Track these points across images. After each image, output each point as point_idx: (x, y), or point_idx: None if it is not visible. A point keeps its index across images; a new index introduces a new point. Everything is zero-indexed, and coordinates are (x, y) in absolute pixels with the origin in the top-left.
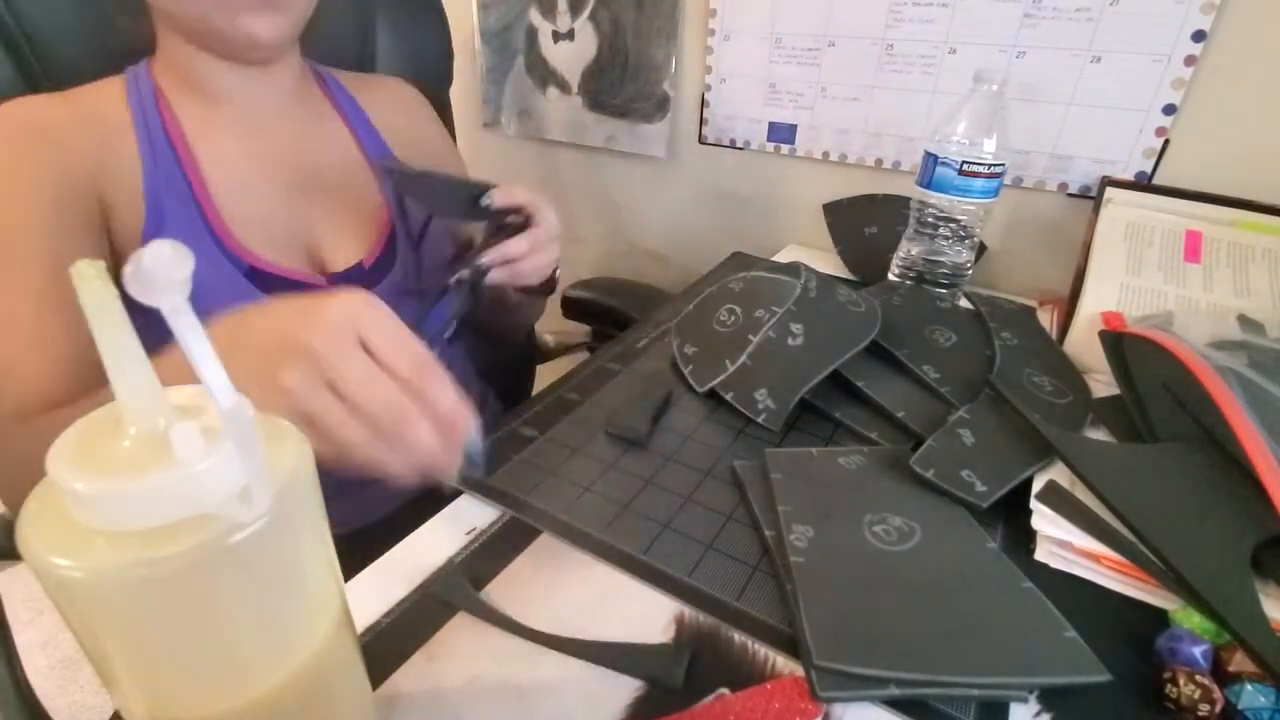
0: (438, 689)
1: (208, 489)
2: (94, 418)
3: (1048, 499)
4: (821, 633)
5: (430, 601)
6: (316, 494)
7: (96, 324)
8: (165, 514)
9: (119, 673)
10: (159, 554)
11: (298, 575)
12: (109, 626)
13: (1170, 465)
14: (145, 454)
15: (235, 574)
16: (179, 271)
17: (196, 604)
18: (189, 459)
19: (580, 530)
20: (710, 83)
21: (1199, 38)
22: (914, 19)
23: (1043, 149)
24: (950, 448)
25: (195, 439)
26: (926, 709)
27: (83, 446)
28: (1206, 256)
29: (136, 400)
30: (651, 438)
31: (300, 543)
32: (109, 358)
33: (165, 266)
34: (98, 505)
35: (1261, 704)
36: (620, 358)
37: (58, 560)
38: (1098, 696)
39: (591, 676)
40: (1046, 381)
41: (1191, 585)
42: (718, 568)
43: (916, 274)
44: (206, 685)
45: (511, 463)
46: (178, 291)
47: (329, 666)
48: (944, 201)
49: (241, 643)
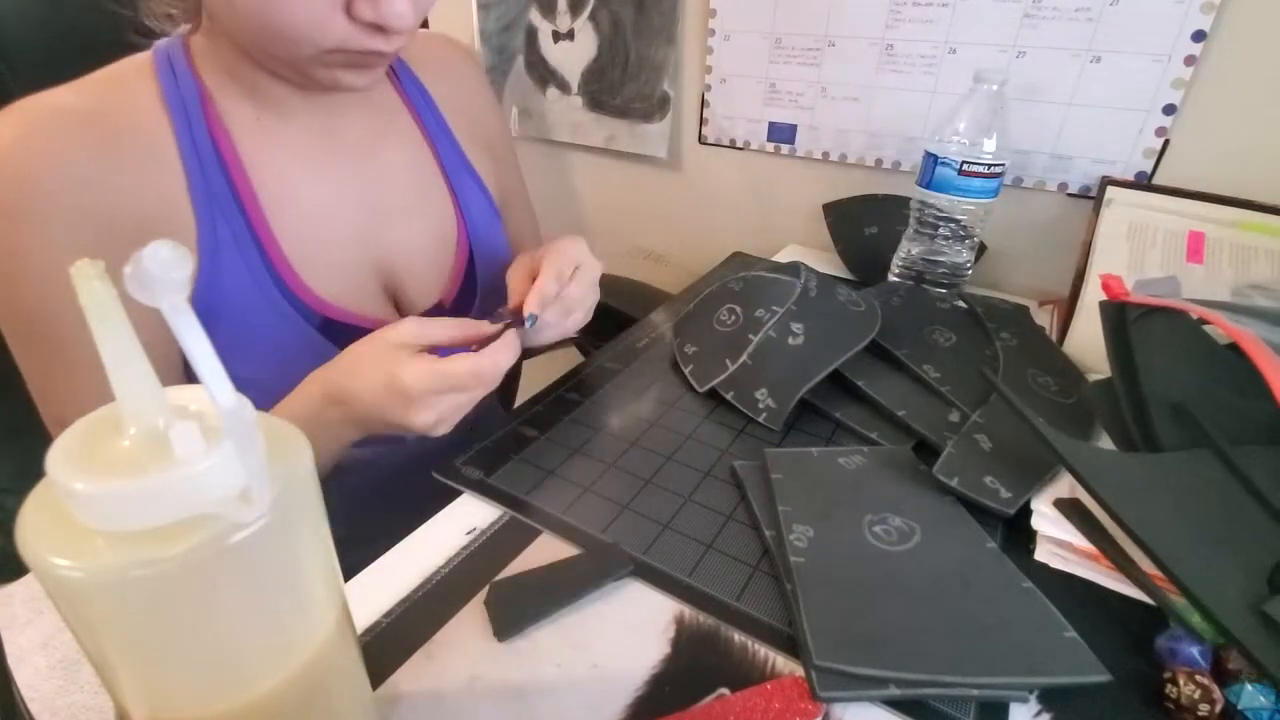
0: (438, 689)
1: (207, 489)
2: (94, 418)
3: (1063, 509)
4: (821, 633)
5: (430, 601)
6: (317, 494)
7: (96, 324)
8: (165, 514)
9: (119, 673)
10: (158, 554)
11: (298, 575)
12: (109, 626)
13: (1183, 479)
14: (145, 454)
15: (235, 574)
16: (179, 272)
17: (196, 604)
18: (189, 459)
19: (580, 530)
20: (710, 83)
21: (1199, 38)
22: (914, 19)
23: (1042, 149)
24: (970, 455)
25: (196, 438)
26: (926, 709)
27: (82, 446)
28: (1209, 257)
29: (136, 400)
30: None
31: (300, 543)
32: (109, 358)
33: (165, 267)
34: (97, 505)
35: (1261, 704)
36: (620, 358)
37: (57, 560)
38: (1098, 696)
39: (591, 676)
40: (1051, 381)
41: (1211, 613)
42: (718, 568)
43: (916, 274)
44: (206, 685)
45: (511, 462)
46: (177, 291)
47: (329, 667)
48: (944, 201)
49: (242, 643)
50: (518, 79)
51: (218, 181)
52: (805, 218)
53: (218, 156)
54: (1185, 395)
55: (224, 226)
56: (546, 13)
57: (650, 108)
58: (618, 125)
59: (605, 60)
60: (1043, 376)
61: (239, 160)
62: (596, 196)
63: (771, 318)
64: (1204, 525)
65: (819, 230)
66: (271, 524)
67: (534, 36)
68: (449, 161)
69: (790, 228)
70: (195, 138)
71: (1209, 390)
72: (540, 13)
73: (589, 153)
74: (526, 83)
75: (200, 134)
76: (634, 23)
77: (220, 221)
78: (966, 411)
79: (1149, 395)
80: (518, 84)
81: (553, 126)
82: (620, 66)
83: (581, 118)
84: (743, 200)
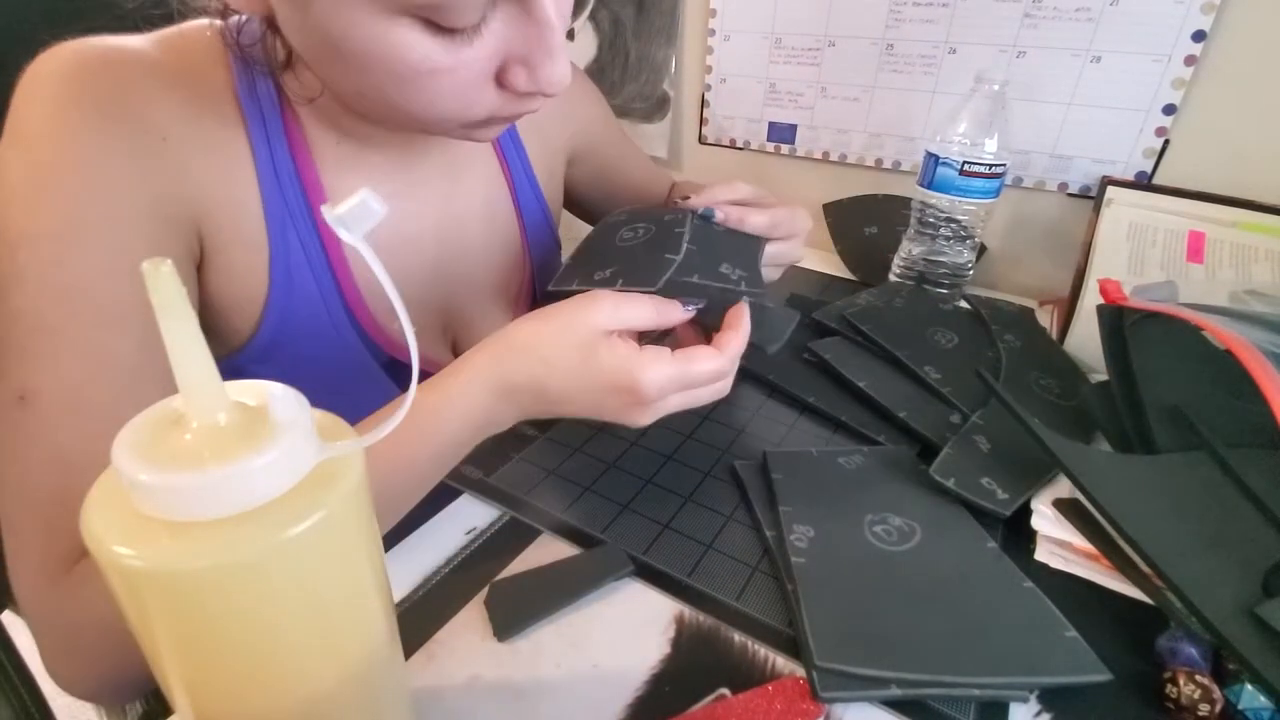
0: (438, 689)
1: (267, 484)
2: (156, 410)
3: (1063, 509)
4: (822, 633)
5: (430, 601)
6: (368, 493)
7: (164, 319)
8: (226, 507)
9: (170, 663)
10: (218, 546)
11: (352, 572)
12: (165, 616)
13: (1178, 482)
14: (206, 448)
15: (292, 569)
16: (377, 220)
17: (253, 597)
18: (287, 425)
19: (580, 530)
20: (710, 83)
21: (1199, 38)
22: (914, 19)
23: (1042, 149)
24: (968, 455)
25: (296, 407)
26: (927, 709)
27: (146, 438)
28: (1209, 257)
29: (199, 396)
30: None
31: (354, 540)
32: (175, 354)
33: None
34: (160, 496)
35: (1261, 704)
36: None
37: (120, 549)
38: (1098, 696)
39: (592, 676)
40: (1054, 384)
41: (1203, 615)
42: (718, 568)
43: (917, 274)
44: (259, 680)
45: (511, 463)
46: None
47: (378, 665)
48: (945, 202)
49: (296, 638)
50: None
51: (295, 199)
52: None
53: (296, 173)
54: (1182, 398)
55: (298, 247)
56: None
57: (650, 108)
58: None
59: (605, 60)
60: (1045, 379)
61: (319, 183)
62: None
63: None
64: (1198, 527)
65: (819, 230)
66: (328, 519)
67: None
68: (521, 190)
69: None
70: (274, 148)
71: (1205, 393)
72: None
73: None
74: None
75: (279, 146)
76: (634, 23)
77: (294, 239)
78: (967, 413)
79: (1145, 398)
80: None
81: None
82: (620, 66)
83: None
84: None
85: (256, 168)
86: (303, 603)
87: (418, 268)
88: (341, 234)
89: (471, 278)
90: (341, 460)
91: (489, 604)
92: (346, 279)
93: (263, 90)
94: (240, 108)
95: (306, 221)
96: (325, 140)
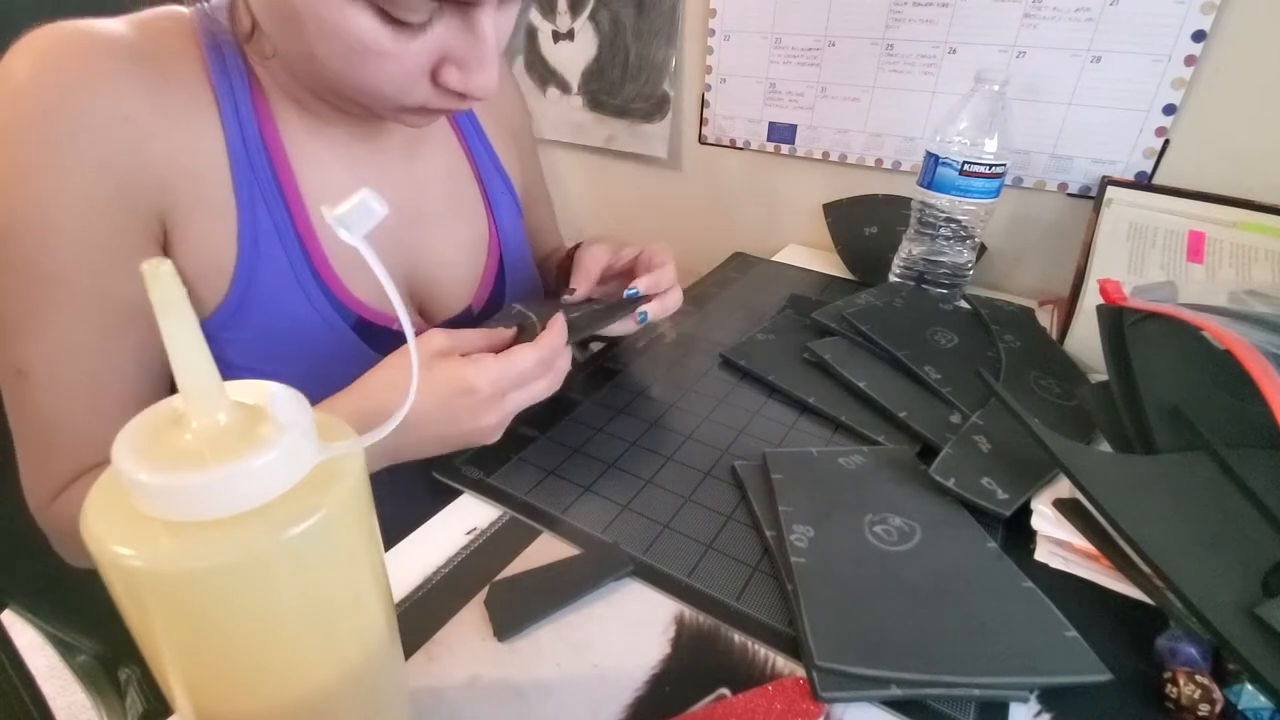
0: (438, 689)
1: (267, 483)
2: (156, 410)
3: (1063, 509)
4: (823, 633)
5: (430, 601)
6: (368, 493)
7: (164, 319)
8: (226, 507)
9: (170, 662)
10: (218, 546)
11: (351, 572)
12: (165, 615)
13: (1178, 482)
14: (206, 447)
15: (292, 568)
16: (378, 219)
17: (253, 596)
18: (287, 425)
19: (580, 530)
20: (710, 83)
21: (1199, 38)
22: (914, 19)
23: (1043, 149)
24: (968, 455)
25: (295, 407)
26: (927, 709)
27: (146, 438)
28: (1209, 257)
29: (200, 396)
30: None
31: (354, 539)
32: (175, 354)
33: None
34: (160, 496)
35: (1261, 704)
36: (620, 358)
37: (120, 549)
38: (1098, 696)
39: (592, 676)
40: (1054, 384)
41: (1203, 615)
42: (718, 568)
43: (917, 274)
44: (258, 678)
45: (511, 463)
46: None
47: (378, 665)
48: (945, 202)
49: (295, 637)
50: (518, 79)
51: (262, 169)
52: (805, 218)
53: (263, 145)
54: (1181, 398)
55: (265, 216)
56: (546, 13)
57: (650, 108)
58: (618, 125)
59: (605, 60)
60: (1045, 379)
61: (284, 152)
62: (596, 196)
63: None
64: (1198, 527)
65: (819, 230)
66: (327, 519)
67: (534, 36)
68: (482, 163)
69: (790, 228)
70: (242, 122)
71: (1205, 393)
72: (540, 13)
73: (589, 153)
74: (526, 83)
75: (248, 119)
76: (634, 23)
77: (262, 210)
78: (967, 413)
79: (1145, 398)
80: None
81: (553, 126)
82: (620, 66)
83: (581, 118)
84: (743, 200)
85: (226, 140)
86: (303, 603)
87: (380, 235)
88: (342, 234)
89: (438, 248)
90: (341, 460)
91: (489, 604)
92: (313, 243)
93: (232, 66)
94: (211, 85)
95: (272, 188)
96: (289, 112)
